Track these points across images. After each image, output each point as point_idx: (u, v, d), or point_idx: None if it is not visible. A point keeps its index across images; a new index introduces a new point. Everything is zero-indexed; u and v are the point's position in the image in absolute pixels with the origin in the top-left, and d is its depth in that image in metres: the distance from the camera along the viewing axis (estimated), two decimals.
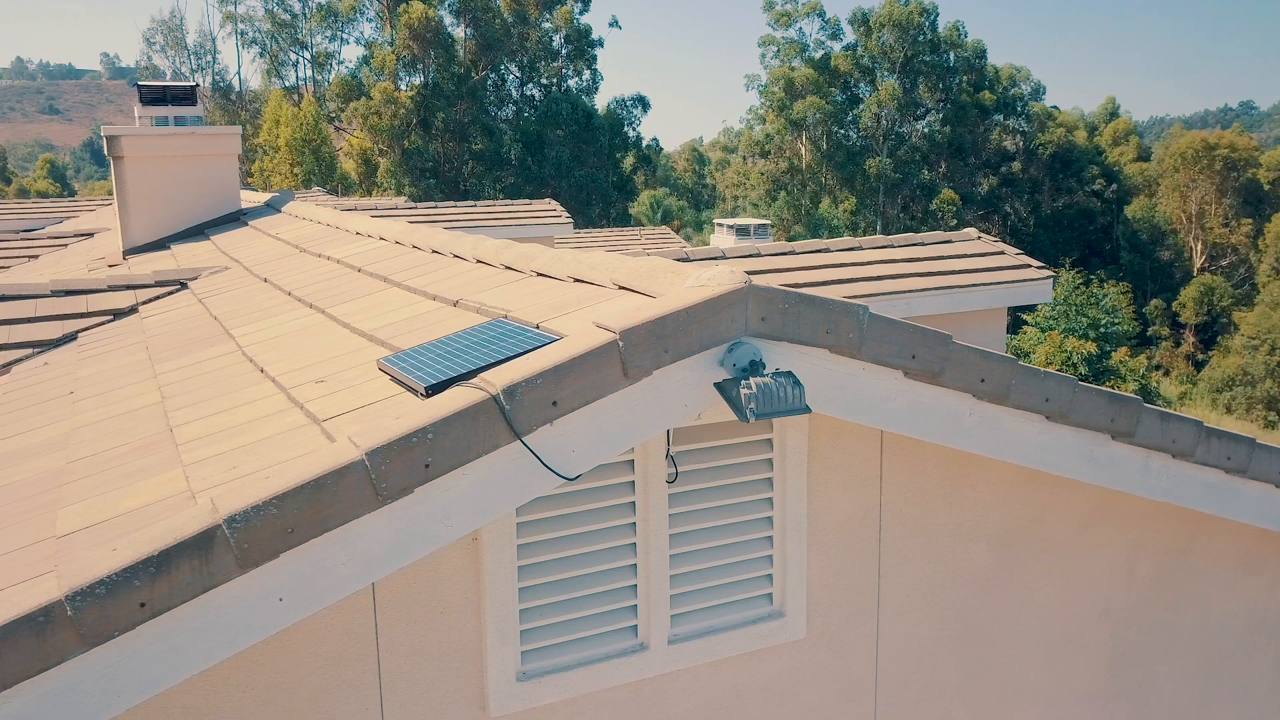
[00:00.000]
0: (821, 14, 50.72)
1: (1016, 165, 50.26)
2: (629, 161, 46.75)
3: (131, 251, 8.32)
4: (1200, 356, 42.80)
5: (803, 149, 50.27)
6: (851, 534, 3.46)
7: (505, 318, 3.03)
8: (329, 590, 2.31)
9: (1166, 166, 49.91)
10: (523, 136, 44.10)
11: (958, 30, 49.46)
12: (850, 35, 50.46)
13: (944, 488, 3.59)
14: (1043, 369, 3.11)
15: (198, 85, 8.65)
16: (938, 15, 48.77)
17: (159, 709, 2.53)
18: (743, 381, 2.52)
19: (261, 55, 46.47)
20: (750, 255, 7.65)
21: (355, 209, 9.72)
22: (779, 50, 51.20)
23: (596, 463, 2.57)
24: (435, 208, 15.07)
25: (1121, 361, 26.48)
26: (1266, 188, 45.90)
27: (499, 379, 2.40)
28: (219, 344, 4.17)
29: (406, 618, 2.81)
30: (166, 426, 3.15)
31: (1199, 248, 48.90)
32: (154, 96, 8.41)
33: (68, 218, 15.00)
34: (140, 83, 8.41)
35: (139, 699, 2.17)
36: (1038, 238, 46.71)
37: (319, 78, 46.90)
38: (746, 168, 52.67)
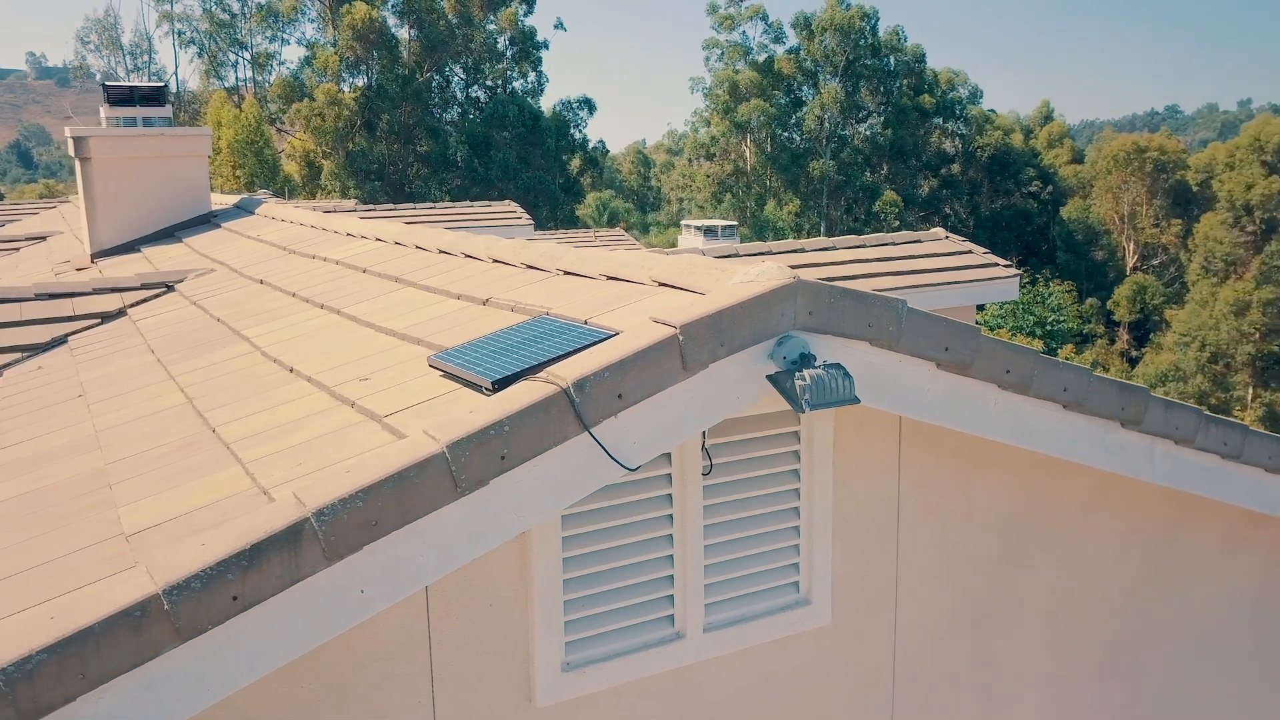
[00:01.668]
0: (764, 17, 51.23)
1: (956, 167, 51.26)
2: (575, 163, 46.73)
3: (100, 254, 8.18)
4: (1134, 354, 44.06)
5: (747, 151, 50.71)
6: (872, 523, 3.57)
7: (547, 315, 3.09)
8: (408, 582, 2.35)
9: (1099, 169, 51.30)
10: (469, 138, 43.85)
11: (898, 35, 50.29)
12: (793, 39, 51.04)
13: (956, 476, 3.72)
14: (1061, 360, 3.26)
15: (165, 85, 8.52)
16: (878, 20, 49.54)
17: (219, 704, 2.55)
18: (797, 374, 2.61)
19: (200, 55, 45.60)
20: (729, 256, 7.77)
21: (336, 210, 9.65)
22: (723, 53, 51.58)
23: (655, 454, 2.65)
24: (395, 209, 14.99)
25: (1067, 359, 27.23)
26: (1195, 189, 47.39)
27: (567, 373, 2.46)
28: (231, 345, 4.16)
29: (458, 610, 2.86)
30: (205, 427, 3.15)
31: (1131, 247, 50.32)
32: (121, 97, 8.26)
33: (9, 221, 14.62)
34: (107, 83, 8.27)
35: (225, 693, 2.20)
36: (977, 238, 47.55)
37: (259, 79, 46.14)
38: (692, 170, 52.99)
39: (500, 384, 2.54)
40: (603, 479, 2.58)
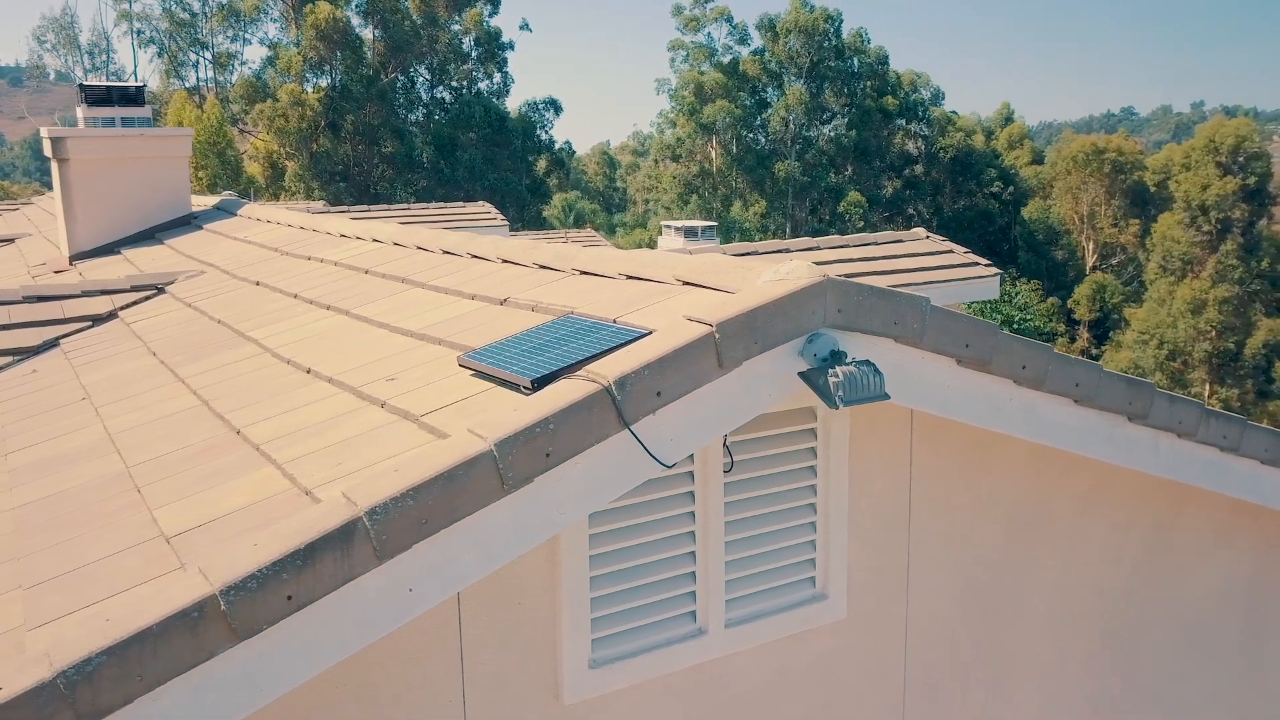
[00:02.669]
0: (729, 19, 51.43)
1: (919, 168, 51.77)
2: (542, 164, 46.66)
3: (78, 257, 8.06)
4: (1094, 352, 44.76)
5: (713, 153, 50.88)
6: (885, 518, 3.63)
7: (572, 314, 3.11)
8: (455, 580, 2.36)
9: (1059, 169, 52.06)
10: (435, 139, 43.63)
11: (861, 37, 50.69)
12: (757, 40, 51.29)
13: (965, 472, 3.79)
14: (1072, 356, 3.33)
15: (144, 86, 8.42)
16: (842, 22, 49.91)
17: None
18: (830, 371, 2.65)
19: (160, 55, 45.02)
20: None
21: (309, 211, 9.58)
22: (688, 55, 51.71)
23: (691, 451, 2.68)
24: (369, 210, 14.90)
25: None
26: (1152, 189, 48.22)
27: (608, 371, 2.49)
28: (238, 347, 4.13)
29: (488, 610, 2.87)
30: (228, 428, 3.14)
31: (1091, 247, 51.13)
32: (99, 97, 8.15)
33: None
34: (84, 82, 8.15)
35: (276, 694, 2.20)
36: None
37: (221, 79, 45.61)
38: (658, 171, 53.07)
39: (539, 382, 2.56)
40: (640, 476, 2.60)
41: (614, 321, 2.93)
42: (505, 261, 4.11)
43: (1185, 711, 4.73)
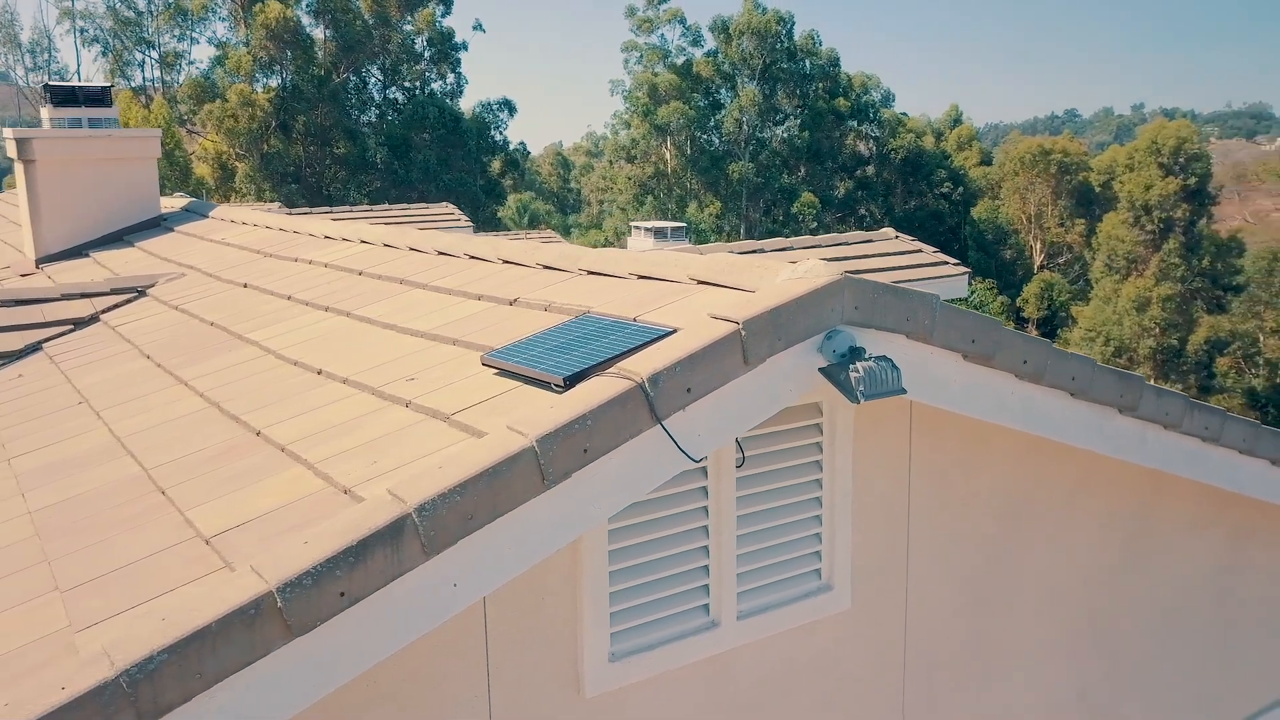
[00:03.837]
0: (683, 20, 51.61)
1: (871, 169, 52.37)
2: (497, 165, 46.45)
3: (45, 260, 7.93)
4: None
5: (668, 154, 51.04)
6: (886, 510, 3.73)
7: (589, 314, 3.16)
8: (497, 574, 2.41)
9: (1007, 170, 52.98)
10: (388, 140, 43.26)
11: (813, 39, 51.16)
12: (711, 42, 51.55)
13: (961, 465, 3.90)
14: (1068, 351, 3.45)
15: (111, 86, 8.29)
16: (794, 24, 50.35)
17: None
18: (851, 366, 2.74)
19: (104, 54, 44.09)
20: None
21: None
22: (641, 56, 51.81)
23: (717, 446, 2.75)
24: (330, 213, 14.76)
25: None
26: (1097, 190, 49.27)
27: (640, 368, 2.54)
28: (237, 349, 4.12)
29: (513, 605, 2.91)
30: (245, 430, 3.14)
31: (1038, 246, 52.10)
32: (65, 97, 8.02)
33: None
34: (49, 82, 8.02)
35: (326, 690, 2.23)
36: None
37: (168, 79, 44.80)
38: (613, 172, 53.12)
39: (571, 380, 2.61)
40: (670, 471, 2.66)
41: (634, 320, 2.99)
42: (506, 262, 4.15)
43: (1161, 693, 4.90)
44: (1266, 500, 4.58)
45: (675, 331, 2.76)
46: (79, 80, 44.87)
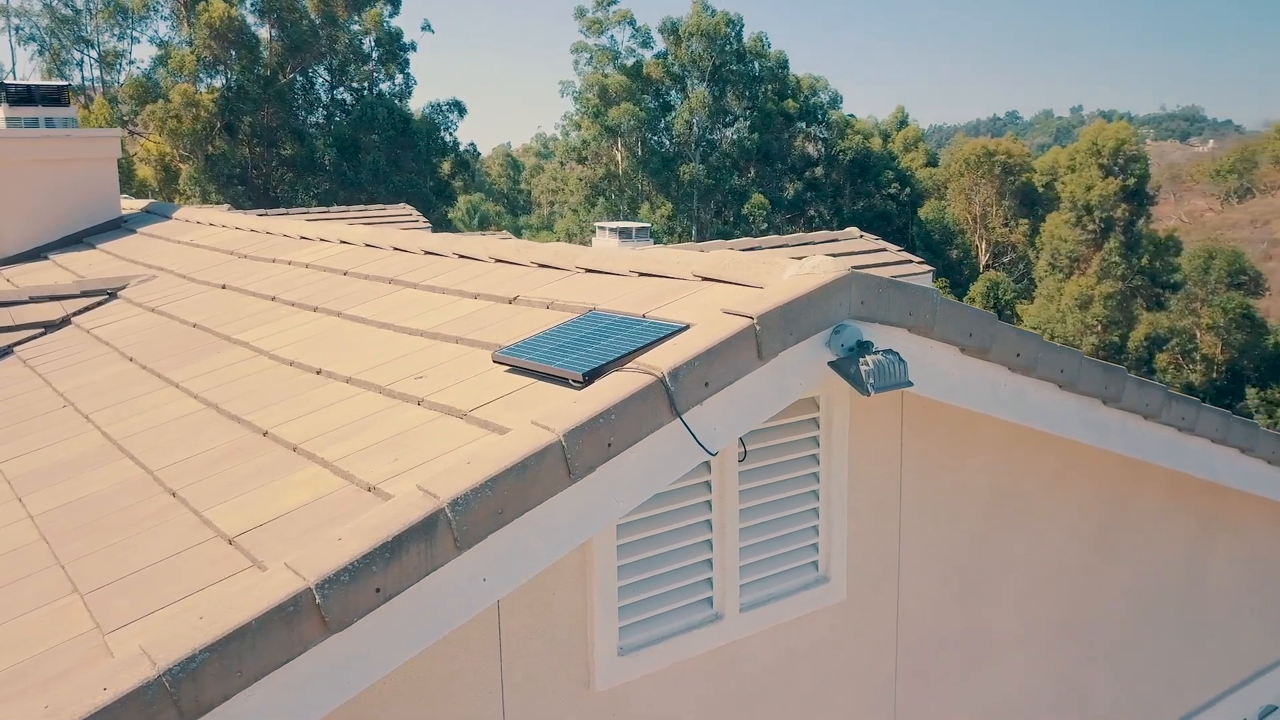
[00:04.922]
0: (632, 22, 51.70)
1: (819, 170, 52.90)
2: (447, 167, 46.15)
3: (2, 263, 7.74)
4: None
5: (618, 155, 51.09)
6: (879, 502, 3.80)
7: (595, 310, 3.18)
8: (524, 568, 2.42)
9: (953, 171, 53.87)
10: (336, 141, 42.76)
11: (761, 41, 51.57)
12: (660, 44, 51.71)
13: (949, 457, 3.99)
14: (1056, 345, 3.55)
15: (69, 84, 8.13)
16: (743, 26, 50.71)
17: None
18: (861, 359, 2.79)
19: (41, 53, 43.03)
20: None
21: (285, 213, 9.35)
22: (591, 57, 51.81)
23: (731, 439, 2.79)
24: (287, 214, 14.58)
25: None
26: (1040, 190, 50.31)
27: (660, 363, 2.58)
28: (225, 350, 4.08)
29: (525, 601, 2.93)
30: (252, 430, 3.12)
31: (983, 246, 53.03)
32: (20, 96, 7.83)
33: None
34: (4, 81, 7.83)
35: (363, 685, 2.23)
36: None
37: (108, 78, 43.87)
38: (564, 173, 53.06)
39: (590, 376, 2.63)
40: (687, 465, 2.70)
41: (643, 317, 3.02)
42: (499, 261, 4.15)
43: (1135, 677, 5.05)
44: (1235, 488, 4.74)
45: (688, 327, 2.80)
46: (14, 79, 43.72)
